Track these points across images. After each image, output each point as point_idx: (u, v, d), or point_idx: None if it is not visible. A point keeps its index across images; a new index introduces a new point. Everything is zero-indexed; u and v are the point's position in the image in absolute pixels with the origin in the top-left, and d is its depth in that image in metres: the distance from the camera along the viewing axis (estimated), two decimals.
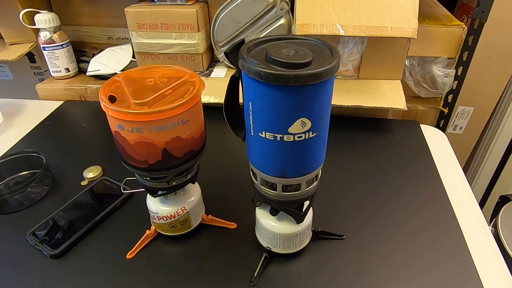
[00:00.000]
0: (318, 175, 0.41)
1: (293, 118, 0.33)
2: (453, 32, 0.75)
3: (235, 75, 0.37)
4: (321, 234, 0.50)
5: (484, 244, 0.51)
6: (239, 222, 0.53)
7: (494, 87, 0.96)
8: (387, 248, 0.49)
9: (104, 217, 0.54)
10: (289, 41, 0.35)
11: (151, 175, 0.42)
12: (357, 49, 0.74)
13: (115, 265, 0.48)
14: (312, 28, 0.64)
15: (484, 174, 1.15)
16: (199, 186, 0.51)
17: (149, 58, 0.82)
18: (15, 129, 0.77)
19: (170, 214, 0.47)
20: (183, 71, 0.42)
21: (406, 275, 0.46)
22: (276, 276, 0.46)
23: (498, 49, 0.89)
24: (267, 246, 0.47)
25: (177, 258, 0.49)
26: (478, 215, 0.55)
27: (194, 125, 0.41)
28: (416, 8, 0.64)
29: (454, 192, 0.59)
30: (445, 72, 0.78)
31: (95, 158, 0.66)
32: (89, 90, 0.86)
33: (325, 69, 0.30)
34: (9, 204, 0.56)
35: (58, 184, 0.61)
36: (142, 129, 0.37)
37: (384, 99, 0.71)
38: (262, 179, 0.40)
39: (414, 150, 0.68)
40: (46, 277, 0.47)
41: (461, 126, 1.02)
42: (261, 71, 0.30)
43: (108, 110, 0.37)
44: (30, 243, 0.50)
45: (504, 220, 0.81)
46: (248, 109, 0.35)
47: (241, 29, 0.77)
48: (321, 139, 0.36)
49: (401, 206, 0.56)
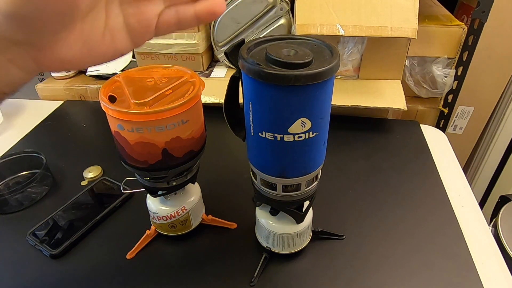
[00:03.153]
0: (318, 175, 0.41)
1: (293, 118, 0.33)
2: (453, 32, 0.75)
3: (235, 75, 0.37)
4: (321, 234, 0.50)
5: (484, 244, 0.51)
6: (239, 222, 0.53)
7: (494, 87, 0.96)
8: (387, 248, 0.49)
9: (104, 217, 0.54)
10: (289, 41, 0.35)
11: (151, 175, 0.42)
12: (357, 49, 0.74)
13: (115, 265, 0.48)
14: (312, 28, 0.64)
15: (484, 174, 1.15)
16: (199, 186, 0.51)
17: (149, 58, 0.82)
18: (15, 129, 0.77)
19: (170, 214, 0.47)
20: (183, 71, 0.42)
21: (406, 275, 0.46)
22: (276, 276, 0.46)
23: (498, 49, 0.89)
24: (267, 246, 0.47)
25: (177, 258, 0.49)
26: (478, 215, 0.55)
27: (194, 125, 0.41)
28: (416, 8, 0.64)
29: (454, 192, 0.59)
30: (445, 72, 0.78)
31: (95, 158, 0.66)
32: (89, 90, 0.86)
33: (325, 69, 0.30)
34: (9, 204, 0.56)
35: (58, 184, 0.61)
36: (142, 129, 0.37)
37: (384, 99, 0.71)
38: (262, 179, 0.40)
39: (414, 150, 0.68)
40: (46, 277, 0.47)
41: (461, 126, 1.02)
42: (261, 71, 0.30)
43: (108, 110, 0.37)
44: (30, 243, 0.50)
45: (504, 220, 0.81)
46: (248, 109, 0.35)
47: (241, 29, 0.77)
48: (321, 139, 0.36)
49: (401, 206, 0.56)
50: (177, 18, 0.27)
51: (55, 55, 0.24)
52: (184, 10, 0.27)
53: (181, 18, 0.27)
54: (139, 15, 0.26)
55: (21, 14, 0.21)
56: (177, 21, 0.27)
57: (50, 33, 0.23)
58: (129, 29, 0.26)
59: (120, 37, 0.26)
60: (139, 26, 0.26)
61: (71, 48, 0.24)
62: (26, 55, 0.24)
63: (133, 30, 0.26)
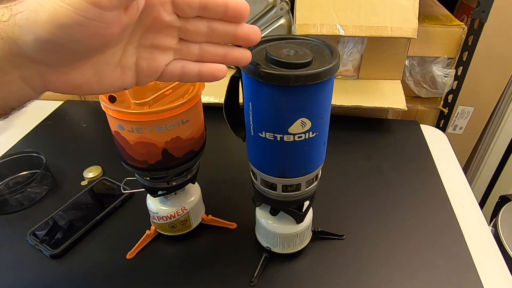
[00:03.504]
0: (318, 175, 0.41)
1: (293, 118, 0.33)
2: (453, 32, 0.75)
3: (235, 75, 0.37)
4: (321, 234, 0.50)
5: (484, 244, 0.51)
6: (239, 222, 0.53)
7: (494, 87, 0.96)
8: (387, 248, 0.49)
9: (104, 217, 0.54)
10: (289, 41, 0.35)
11: (151, 175, 0.42)
12: (357, 49, 0.74)
13: (115, 265, 0.48)
14: (312, 28, 0.64)
15: (484, 174, 1.15)
16: (199, 186, 0.51)
17: None
18: (15, 129, 0.77)
19: (170, 214, 0.47)
20: None
21: (406, 275, 0.46)
22: (276, 276, 0.46)
23: (498, 49, 0.89)
24: (267, 246, 0.47)
25: (177, 258, 0.49)
26: (478, 215, 0.56)
27: (194, 125, 0.41)
28: (416, 8, 0.64)
29: (454, 192, 0.59)
30: (445, 72, 0.78)
31: (95, 158, 0.66)
32: None
33: (325, 69, 0.30)
34: (9, 204, 0.56)
35: (58, 184, 0.61)
36: (142, 129, 0.37)
37: (384, 99, 0.71)
38: (262, 179, 0.40)
39: (414, 150, 0.68)
40: (46, 277, 0.47)
41: (461, 126, 1.02)
42: (261, 71, 0.30)
43: (108, 110, 0.37)
44: (30, 243, 0.50)
45: (504, 220, 0.81)
46: (248, 109, 0.35)
47: None
48: (321, 139, 0.36)
49: (401, 206, 0.56)
50: (182, 72, 0.29)
51: (66, 78, 0.26)
52: (190, 66, 0.29)
53: (185, 73, 0.29)
54: (151, 61, 0.28)
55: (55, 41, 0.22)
56: (181, 74, 0.29)
57: (72, 60, 0.25)
58: (138, 70, 0.28)
59: (128, 74, 0.28)
60: (148, 69, 0.28)
61: (83, 74, 0.26)
62: (38, 74, 0.25)
63: (141, 71, 0.28)
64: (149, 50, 0.27)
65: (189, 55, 0.29)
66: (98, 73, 0.26)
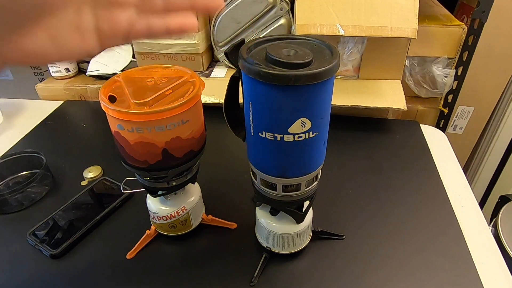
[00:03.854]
0: (318, 175, 0.41)
1: (293, 118, 0.33)
2: (453, 32, 0.75)
3: (235, 75, 0.37)
4: (321, 234, 0.50)
5: (484, 244, 0.51)
6: (239, 222, 0.53)
7: (494, 87, 0.96)
8: (387, 248, 0.49)
9: (104, 217, 0.54)
10: (289, 41, 0.35)
11: (151, 175, 0.42)
12: (357, 49, 0.74)
13: (115, 265, 0.48)
14: (312, 28, 0.64)
15: (484, 174, 1.15)
16: (199, 186, 0.51)
17: (149, 58, 0.82)
18: (15, 129, 0.77)
19: (170, 214, 0.47)
20: (183, 71, 0.42)
21: (406, 275, 0.46)
22: (276, 276, 0.46)
23: (498, 49, 0.89)
24: (267, 246, 0.47)
25: (177, 258, 0.49)
26: (478, 215, 0.56)
27: (194, 125, 0.41)
28: (416, 8, 0.64)
29: (454, 192, 0.59)
30: (445, 72, 0.78)
31: (95, 158, 0.66)
32: (89, 90, 0.86)
33: (325, 69, 0.30)
34: (9, 204, 0.56)
35: (58, 184, 0.61)
36: (142, 129, 0.37)
37: (384, 99, 0.71)
38: (262, 179, 0.40)
39: (414, 150, 0.68)
40: (46, 277, 0.47)
41: (461, 126, 1.02)
42: (261, 71, 0.30)
43: (108, 110, 0.37)
44: (30, 243, 0.50)
45: (504, 220, 0.81)
46: (248, 109, 0.35)
47: (241, 29, 0.77)
48: (321, 139, 0.36)
49: (401, 206, 0.56)
50: (148, 30, 0.27)
51: (18, 47, 0.24)
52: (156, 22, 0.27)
53: (152, 30, 0.27)
54: (111, 20, 0.26)
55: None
56: (147, 32, 0.28)
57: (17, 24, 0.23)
58: (99, 32, 0.26)
59: (89, 38, 0.26)
60: (110, 30, 0.26)
61: (35, 41, 0.24)
62: None
63: (102, 33, 0.26)
64: (106, 8, 0.26)
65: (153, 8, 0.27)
66: (53, 38, 0.25)
